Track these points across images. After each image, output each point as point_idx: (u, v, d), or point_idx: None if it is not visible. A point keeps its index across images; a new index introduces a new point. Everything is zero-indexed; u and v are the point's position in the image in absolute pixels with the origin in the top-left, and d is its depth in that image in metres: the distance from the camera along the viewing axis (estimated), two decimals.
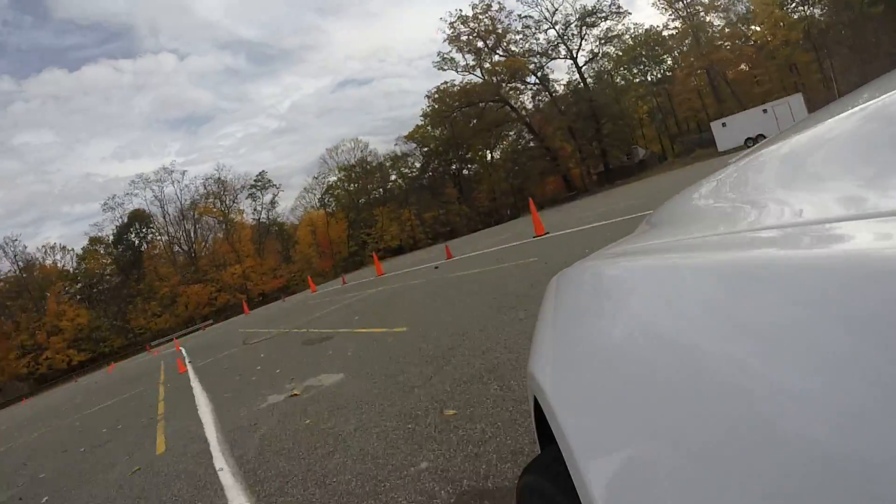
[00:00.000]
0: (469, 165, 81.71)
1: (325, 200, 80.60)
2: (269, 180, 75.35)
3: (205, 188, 73.06)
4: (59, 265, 70.82)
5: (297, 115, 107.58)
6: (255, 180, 74.65)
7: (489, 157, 79.03)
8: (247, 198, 75.17)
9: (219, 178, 73.05)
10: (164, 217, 72.65)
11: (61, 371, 68.14)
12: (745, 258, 0.50)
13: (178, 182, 72.11)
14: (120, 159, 67.82)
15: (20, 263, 69.96)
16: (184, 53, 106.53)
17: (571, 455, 0.60)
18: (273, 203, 76.70)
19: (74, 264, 71.16)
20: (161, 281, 70.44)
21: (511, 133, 74.81)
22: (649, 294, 0.66)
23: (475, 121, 72.65)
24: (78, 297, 70.23)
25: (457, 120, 72.90)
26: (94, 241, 71.23)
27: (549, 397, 0.74)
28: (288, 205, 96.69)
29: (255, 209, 75.94)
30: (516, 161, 73.41)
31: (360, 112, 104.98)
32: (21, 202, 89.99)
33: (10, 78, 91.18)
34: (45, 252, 70.92)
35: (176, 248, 74.48)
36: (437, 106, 72.35)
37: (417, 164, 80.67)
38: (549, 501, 0.78)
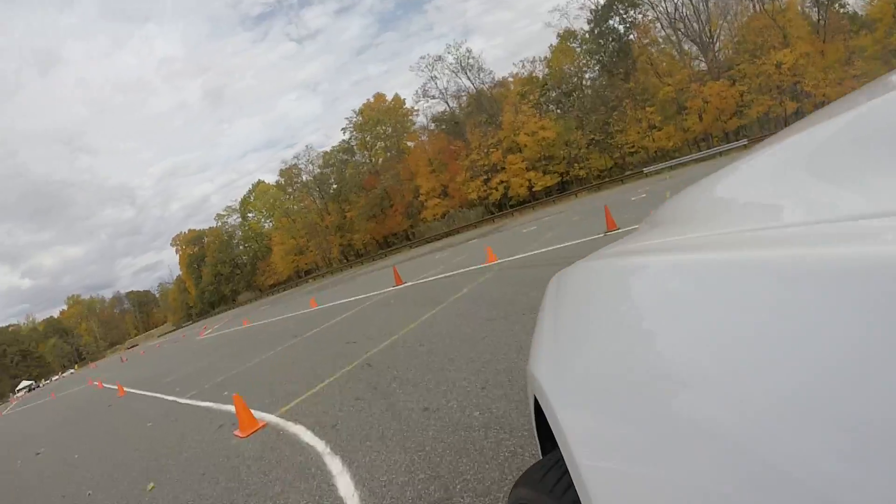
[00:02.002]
0: None
1: None
2: None
3: None
4: (530, 73, 51.91)
5: None
6: None
7: None
8: None
9: None
10: None
11: (522, 199, 48.69)
12: (745, 258, 0.49)
13: None
14: None
15: (471, 74, 53.56)
16: None
17: (571, 454, 0.59)
18: None
19: (545, 70, 51.21)
20: (660, 78, 44.70)
21: None
22: (649, 293, 0.65)
23: None
24: (550, 106, 49.87)
25: None
26: (567, 35, 49.97)
27: (549, 397, 0.73)
28: None
29: None
30: None
31: None
32: (522, 43, 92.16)
33: None
34: (523, 65, 53.14)
35: (680, 29, 47.70)
36: None
37: None
38: None
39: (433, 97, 55.21)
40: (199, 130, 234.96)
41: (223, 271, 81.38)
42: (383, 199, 55.99)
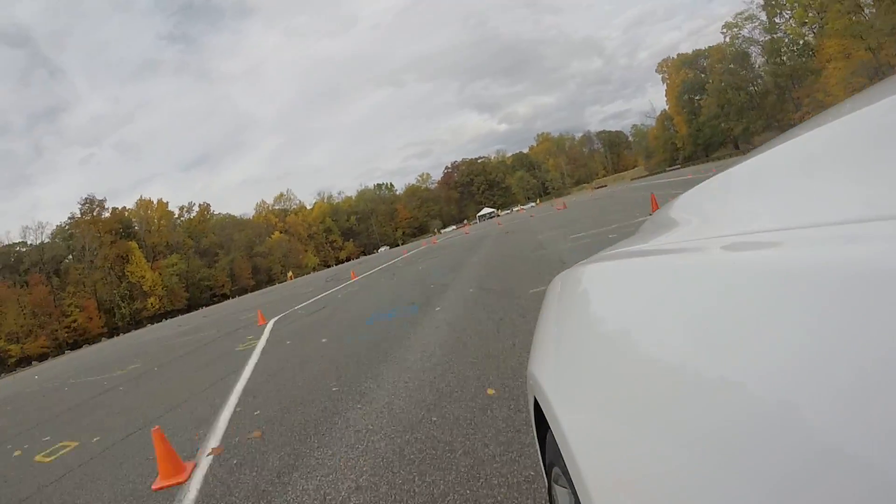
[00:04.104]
0: None
1: None
2: None
3: None
4: None
5: None
6: None
7: None
8: None
9: None
10: None
11: None
12: (743, 260, 0.50)
13: None
14: None
15: None
16: None
17: (570, 454, 0.60)
18: None
19: None
20: None
21: None
22: (649, 295, 0.65)
23: None
24: None
25: None
26: None
27: (548, 397, 0.74)
28: None
29: None
30: None
31: None
32: None
33: None
34: None
35: None
36: None
37: None
38: None
39: None
40: None
41: (734, 100, 62.92)
42: None
